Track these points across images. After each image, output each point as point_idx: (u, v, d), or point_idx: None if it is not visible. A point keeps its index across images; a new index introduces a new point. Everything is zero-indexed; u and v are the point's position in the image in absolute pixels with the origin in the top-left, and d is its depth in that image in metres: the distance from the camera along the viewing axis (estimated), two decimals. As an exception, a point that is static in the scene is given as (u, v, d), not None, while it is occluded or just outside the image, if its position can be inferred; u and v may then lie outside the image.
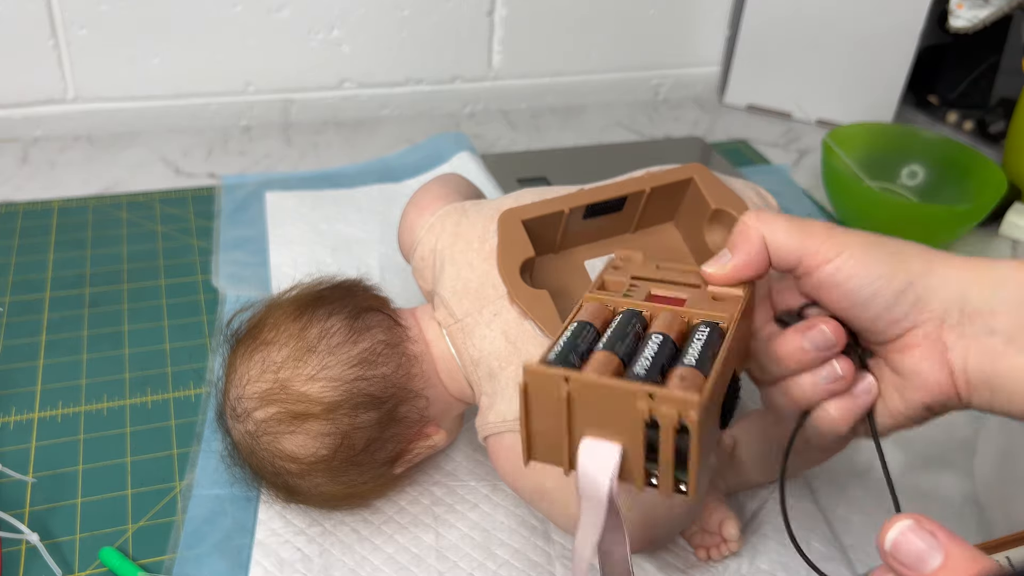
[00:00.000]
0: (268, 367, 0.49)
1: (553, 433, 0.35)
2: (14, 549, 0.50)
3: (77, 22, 0.88)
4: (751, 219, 0.40)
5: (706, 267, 0.41)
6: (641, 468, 0.34)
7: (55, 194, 0.84)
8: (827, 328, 0.39)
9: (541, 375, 0.35)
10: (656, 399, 0.32)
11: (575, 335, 0.38)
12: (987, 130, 1.05)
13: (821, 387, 0.40)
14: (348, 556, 0.51)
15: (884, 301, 0.37)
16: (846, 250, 0.38)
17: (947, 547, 0.29)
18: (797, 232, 0.39)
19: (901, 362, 0.39)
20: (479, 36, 1.02)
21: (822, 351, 0.39)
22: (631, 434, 0.33)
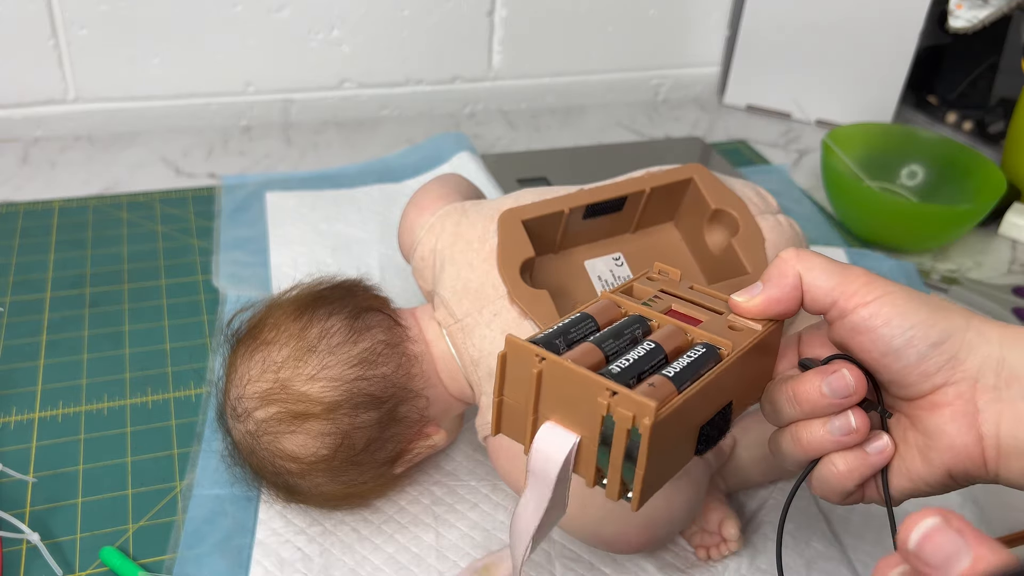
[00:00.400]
0: (268, 367, 0.49)
1: (520, 409, 0.36)
2: (15, 549, 0.50)
3: (77, 22, 0.88)
4: (790, 255, 0.39)
5: (735, 296, 0.39)
6: (593, 465, 0.34)
7: (55, 194, 0.84)
8: (849, 374, 0.37)
9: (519, 348, 0.35)
10: (616, 397, 0.32)
11: (573, 323, 0.38)
12: (986, 130, 1.05)
13: (831, 437, 0.38)
14: (348, 556, 0.51)
15: (917, 352, 0.36)
16: (884, 295, 0.36)
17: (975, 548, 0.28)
18: (835, 273, 0.38)
19: (928, 421, 0.37)
20: (479, 36, 1.02)
21: (840, 398, 0.37)
22: (590, 427, 0.33)
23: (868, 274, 0.37)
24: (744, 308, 0.39)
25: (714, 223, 0.56)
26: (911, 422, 0.38)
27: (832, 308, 0.38)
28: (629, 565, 0.51)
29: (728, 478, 0.55)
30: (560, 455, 0.34)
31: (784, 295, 0.38)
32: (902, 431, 0.38)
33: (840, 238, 0.84)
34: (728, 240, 0.54)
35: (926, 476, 0.37)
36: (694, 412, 0.35)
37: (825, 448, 0.38)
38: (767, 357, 0.41)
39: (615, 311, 0.40)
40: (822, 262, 0.38)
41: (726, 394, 0.37)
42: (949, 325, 0.36)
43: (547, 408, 0.35)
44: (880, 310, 0.36)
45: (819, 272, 0.38)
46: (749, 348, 0.38)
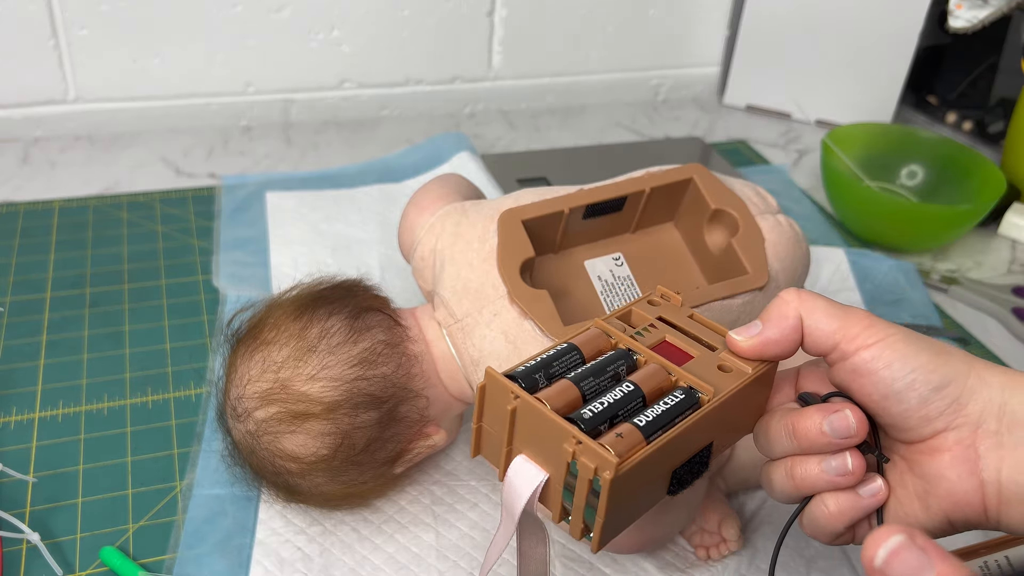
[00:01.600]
0: (268, 367, 0.49)
1: (496, 439, 0.36)
2: (15, 549, 0.50)
3: (78, 22, 0.88)
4: (791, 297, 0.38)
5: (733, 334, 0.39)
6: (559, 503, 0.35)
7: (56, 194, 0.84)
8: (851, 415, 0.36)
9: (496, 382, 0.36)
10: (580, 446, 0.33)
11: (557, 355, 0.38)
12: (986, 130, 1.06)
13: (826, 476, 0.37)
14: (348, 555, 0.51)
15: (919, 396, 0.35)
16: (887, 338, 0.36)
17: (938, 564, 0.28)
18: (837, 316, 0.37)
19: (927, 466, 0.36)
20: (479, 36, 1.02)
21: (840, 438, 0.36)
22: (556, 468, 0.34)
23: (870, 316, 0.37)
24: (741, 348, 0.39)
25: (714, 223, 0.56)
26: (909, 466, 0.38)
27: (833, 351, 0.37)
28: (629, 565, 0.51)
29: (728, 478, 0.55)
30: (527, 490, 0.35)
31: (783, 336, 0.38)
32: (899, 475, 0.38)
33: (840, 238, 0.84)
34: (728, 240, 0.54)
35: (924, 522, 0.37)
36: (664, 460, 0.35)
37: (818, 487, 0.38)
38: (759, 394, 0.40)
39: (604, 342, 0.40)
40: (824, 304, 0.38)
41: (705, 437, 0.37)
42: (951, 370, 0.36)
43: (521, 442, 0.36)
44: (882, 353, 0.36)
45: (821, 315, 0.37)
46: (733, 393, 0.37)
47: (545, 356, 0.38)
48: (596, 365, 0.38)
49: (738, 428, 0.40)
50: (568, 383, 0.36)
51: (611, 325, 0.41)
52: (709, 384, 0.37)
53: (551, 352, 0.38)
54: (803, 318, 0.38)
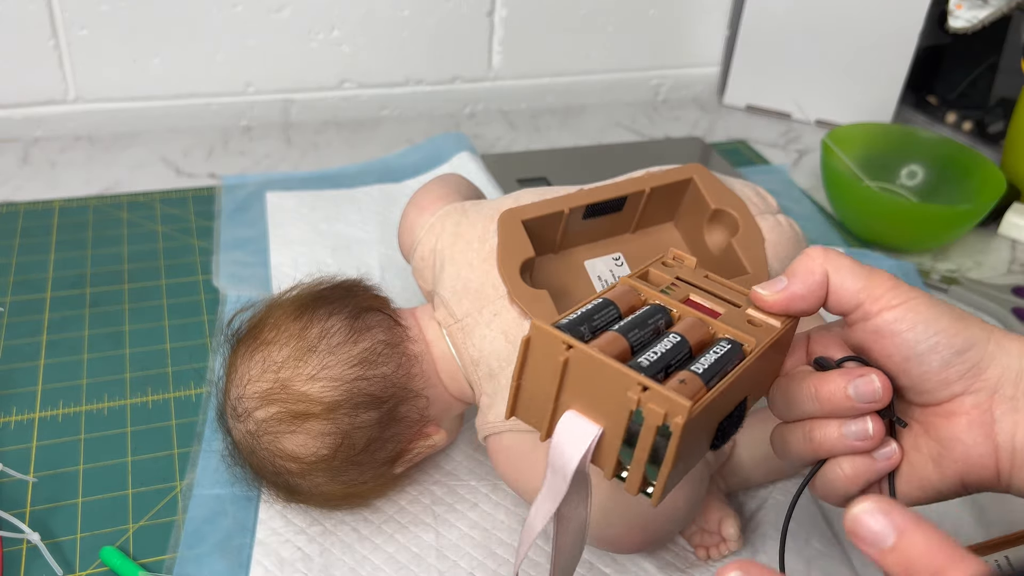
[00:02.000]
0: (269, 367, 0.49)
1: (541, 396, 0.35)
2: (15, 548, 0.50)
3: (78, 22, 0.88)
4: (817, 253, 0.38)
5: (758, 288, 0.39)
6: (615, 458, 0.33)
7: (56, 194, 0.84)
8: (877, 379, 0.37)
9: (546, 334, 0.34)
10: (648, 393, 0.32)
11: (596, 309, 0.37)
12: (986, 130, 1.06)
13: (845, 440, 0.37)
14: (348, 555, 0.51)
15: (941, 358, 0.36)
16: (910, 301, 0.36)
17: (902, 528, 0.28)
18: (862, 276, 0.37)
19: (944, 429, 0.37)
20: (479, 36, 1.02)
21: (863, 402, 0.37)
22: (614, 420, 0.33)
23: (894, 278, 0.37)
24: (767, 302, 0.38)
25: (714, 223, 0.56)
26: (924, 429, 0.38)
27: (856, 310, 0.37)
28: (629, 565, 0.51)
29: (728, 478, 0.55)
30: (581, 446, 0.33)
31: (809, 292, 0.38)
32: (914, 439, 0.38)
33: (840, 238, 0.84)
34: (728, 240, 0.54)
35: (938, 484, 0.38)
36: (716, 410, 0.35)
37: (836, 450, 0.38)
38: (780, 354, 0.40)
39: (635, 298, 0.39)
40: (849, 263, 0.38)
41: (744, 390, 0.37)
42: (971, 335, 0.36)
43: (570, 397, 0.34)
44: (906, 315, 0.36)
45: (847, 273, 0.37)
46: (766, 347, 0.37)
47: (584, 310, 0.36)
48: (636, 318, 0.37)
49: (761, 388, 0.40)
50: (615, 335, 0.35)
51: (635, 283, 0.40)
52: (748, 337, 0.37)
53: (589, 306, 0.37)
54: (829, 275, 0.38)
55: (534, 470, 0.48)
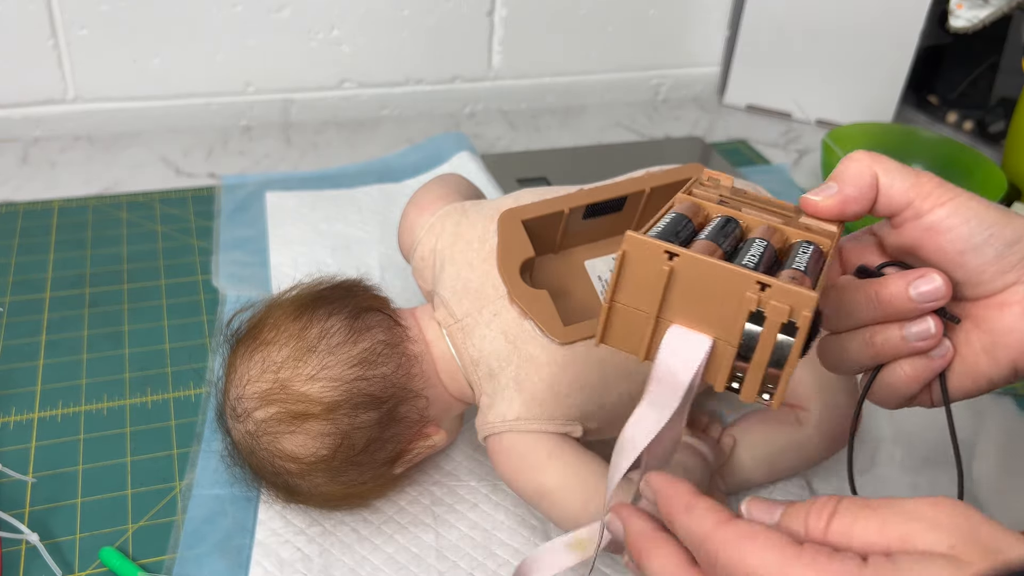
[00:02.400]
0: (268, 367, 0.49)
1: (638, 315, 0.33)
2: (14, 549, 0.50)
3: (77, 22, 0.88)
4: (863, 156, 0.38)
5: (810, 195, 0.39)
6: (728, 366, 0.32)
7: (55, 194, 0.84)
8: (940, 279, 0.37)
9: (645, 245, 0.32)
10: (769, 291, 0.30)
11: (674, 223, 0.35)
12: (987, 130, 1.05)
13: (907, 342, 0.38)
14: (348, 556, 0.51)
15: (995, 250, 0.37)
16: (958, 196, 0.37)
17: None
18: (910, 174, 0.38)
19: (996, 320, 0.38)
20: (479, 36, 1.02)
21: (925, 301, 0.37)
22: (727, 326, 0.31)
23: (936, 177, 0.38)
24: (820, 207, 0.38)
25: (714, 223, 0.55)
26: (975, 324, 0.39)
27: (907, 208, 0.38)
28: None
29: (728, 478, 0.55)
30: (695, 358, 0.32)
31: (861, 194, 0.38)
32: (964, 334, 0.39)
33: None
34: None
35: (990, 374, 0.39)
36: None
37: (899, 352, 0.39)
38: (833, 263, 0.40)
39: (699, 212, 0.38)
40: (896, 163, 0.38)
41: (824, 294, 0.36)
42: (1020, 226, 0.37)
43: (673, 309, 0.32)
44: (959, 209, 0.37)
45: (895, 173, 0.38)
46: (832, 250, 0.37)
47: (664, 224, 0.35)
48: (715, 229, 0.35)
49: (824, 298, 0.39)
50: (708, 242, 0.34)
51: (692, 197, 0.38)
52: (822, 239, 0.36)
53: (666, 220, 0.35)
54: (879, 175, 0.38)
55: (534, 470, 0.48)
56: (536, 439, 0.48)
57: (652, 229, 0.34)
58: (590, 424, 0.50)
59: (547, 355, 0.49)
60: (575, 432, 0.49)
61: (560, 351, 0.48)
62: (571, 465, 0.48)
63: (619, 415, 0.51)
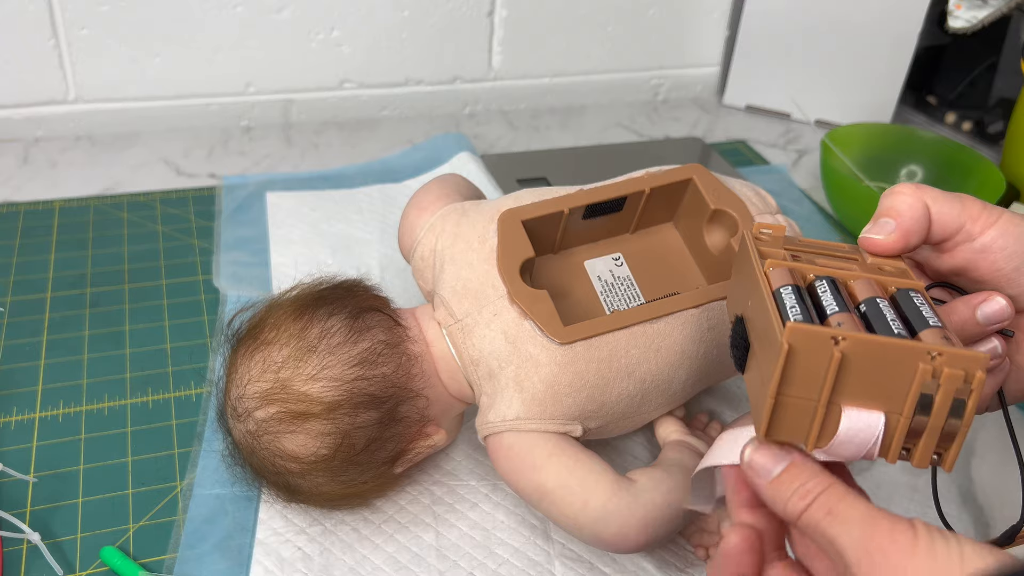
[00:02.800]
0: (269, 367, 0.49)
1: (805, 404, 0.32)
2: (15, 548, 0.50)
3: (78, 23, 0.88)
4: (908, 187, 0.39)
5: (871, 235, 0.40)
6: (901, 438, 0.32)
7: (56, 194, 0.84)
8: (1004, 300, 0.38)
9: (810, 335, 0.31)
10: (941, 359, 0.30)
11: (798, 300, 0.34)
12: (985, 130, 1.06)
13: None
14: (349, 555, 0.51)
15: None
16: (1003, 215, 0.39)
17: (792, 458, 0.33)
18: (956, 200, 0.39)
19: None
20: (479, 37, 1.02)
21: (991, 323, 0.38)
22: (899, 398, 0.31)
23: (978, 199, 0.39)
24: (883, 245, 0.39)
25: (713, 223, 0.56)
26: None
27: (959, 232, 0.39)
28: (629, 565, 0.51)
29: (727, 478, 0.55)
30: (870, 438, 0.32)
31: (919, 226, 0.39)
32: (1016, 344, 0.41)
33: (839, 238, 0.84)
34: (727, 240, 0.55)
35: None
36: None
37: None
38: None
39: (797, 277, 0.37)
40: (939, 191, 0.40)
41: None
42: None
43: (845, 393, 0.32)
44: (1008, 228, 0.38)
45: (943, 200, 0.39)
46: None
47: (795, 302, 0.34)
48: (834, 296, 0.35)
49: None
50: (848, 315, 0.34)
51: (783, 263, 0.38)
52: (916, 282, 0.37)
53: (790, 298, 0.35)
54: (928, 204, 0.39)
55: (534, 470, 0.48)
56: (536, 439, 0.49)
57: (786, 312, 0.34)
58: (590, 424, 0.50)
59: (547, 355, 0.49)
60: (575, 432, 0.49)
61: (560, 351, 0.49)
62: (571, 465, 0.48)
63: (619, 415, 0.51)
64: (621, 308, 0.53)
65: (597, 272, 0.55)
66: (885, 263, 0.39)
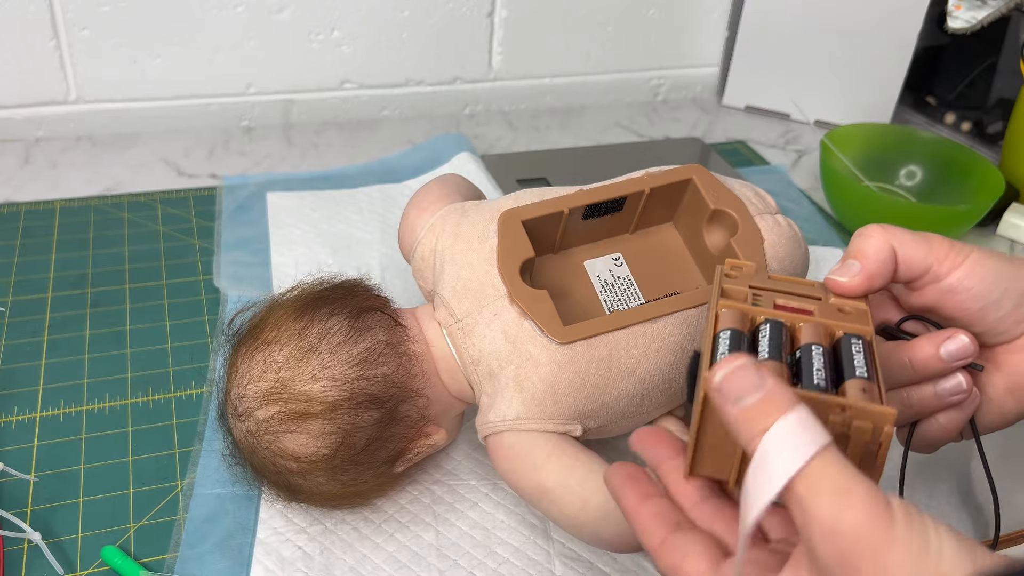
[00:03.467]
0: (269, 367, 0.49)
1: (727, 446, 0.34)
2: (16, 548, 0.50)
3: (79, 23, 0.88)
4: (875, 231, 0.40)
5: (834, 276, 0.40)
6: None
7: (57, 194, 0.84)
8: (967, 339, 0.40)
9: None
10: (850, 412, 0.32)
11: (734, 344, 0.36)
12: (985, 131, 1.06)
13: (941, 399, 0.41)
14: (349, 554, 0.51)
15: (1012, 301, 0.39)
16: (971, 255, 0.39)
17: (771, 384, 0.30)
18: (923, 241, 0.40)
19: (1017, 363, 0.41)
20: (479, 37, 1.02)
21: (955, 361, 0.40)
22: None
23: (947, 239, 0.40)
24: (848, 287, 0.40)
25: (713, 223, 0.56)
26: (997, 367, 0.41)
27: (926, 274, 0.40)
28: (629, 564, 0.51)
29: (727, 477, 0.55)
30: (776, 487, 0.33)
31: (883, 269, 0.40)
32: (987, 377, 0.42)
33: (839, 238, 0.85)
34: (727, 240, 0.55)
35: (1017, 410, 0.42)
36: None
37: (934, 408, 0.42)
38: None
39: (746, 319, 0.39)
40: (907, 232, 0.40)
41: None
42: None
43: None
44: (974, 269, 0.39)
45: (910, 242, 0.40)
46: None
47: (728, 346, 0.36)
48: (771, 341, 0.36)
49: None
50: (775, 363, 0.35)
51: (735, 304, 0.39)
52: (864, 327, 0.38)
53: (727, 342, 0.36)
54: (895, 248, 0.40)
55: (534, 469, 0.48)
56: (536, 438, 0.49)
57: (718, 358, 0.34)
58: (590, 423, 0.50)
59: (547, 355, 0.49)
60: (575, 431, 0.49)
61: (560, 351, 0.49)
62: (570, 465, 0.48)
63: (619, 414, 0.51)
64: (621, 308, 0.54)
65: (597, 272, 0.55)
66: (846, 303, 0.40)
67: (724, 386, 0.31)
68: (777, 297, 0.41)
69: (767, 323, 0.38)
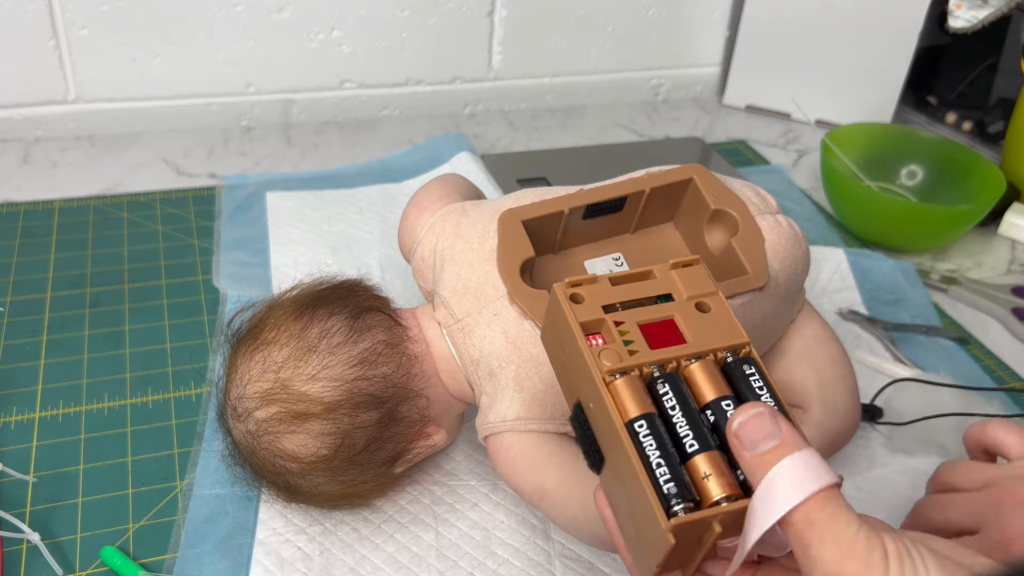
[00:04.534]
0: (269, 367, 0.49)
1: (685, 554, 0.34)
2: (15, 548, 0.50)
3: (78, 22, 0.88)
4: None
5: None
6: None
7: (56, 194, 0.84)
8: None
9: (693, 526, 0.33)
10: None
11: (656, 436, 0.34)
12: (986, 130, 1.06)
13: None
14: (348, 555, 0.51)
15: None
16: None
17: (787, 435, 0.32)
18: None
19: None
20: (479, 37, 1.02)
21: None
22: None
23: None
24: None
25: (714, 223, 0.56)
26: None
27: None
28: (629, 564, 0.51)
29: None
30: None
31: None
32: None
33: (839, 238, 0.84)
34: (728, 240, 0.54)
35: None
36: None
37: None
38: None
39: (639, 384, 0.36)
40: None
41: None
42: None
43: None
44: None
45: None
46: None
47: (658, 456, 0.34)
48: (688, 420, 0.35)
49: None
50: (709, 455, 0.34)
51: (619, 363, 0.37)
52: (697, 340, 0.38)
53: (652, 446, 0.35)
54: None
55: (534, 470, 0.48)
56: (536, 439, 0.49)
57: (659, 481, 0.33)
58: (590, 424, 0.50)
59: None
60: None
61: (560, 351, 0.49)
62: (570, 465, 0.48)
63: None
64: (621, 308, 0.53)
65: (597, 272, 0.55)
66: (696, 287, 0.40)
67: (741, 433, 0.32)
68: (638, 314, 0.39)
69: (663, 379, 0.36)
